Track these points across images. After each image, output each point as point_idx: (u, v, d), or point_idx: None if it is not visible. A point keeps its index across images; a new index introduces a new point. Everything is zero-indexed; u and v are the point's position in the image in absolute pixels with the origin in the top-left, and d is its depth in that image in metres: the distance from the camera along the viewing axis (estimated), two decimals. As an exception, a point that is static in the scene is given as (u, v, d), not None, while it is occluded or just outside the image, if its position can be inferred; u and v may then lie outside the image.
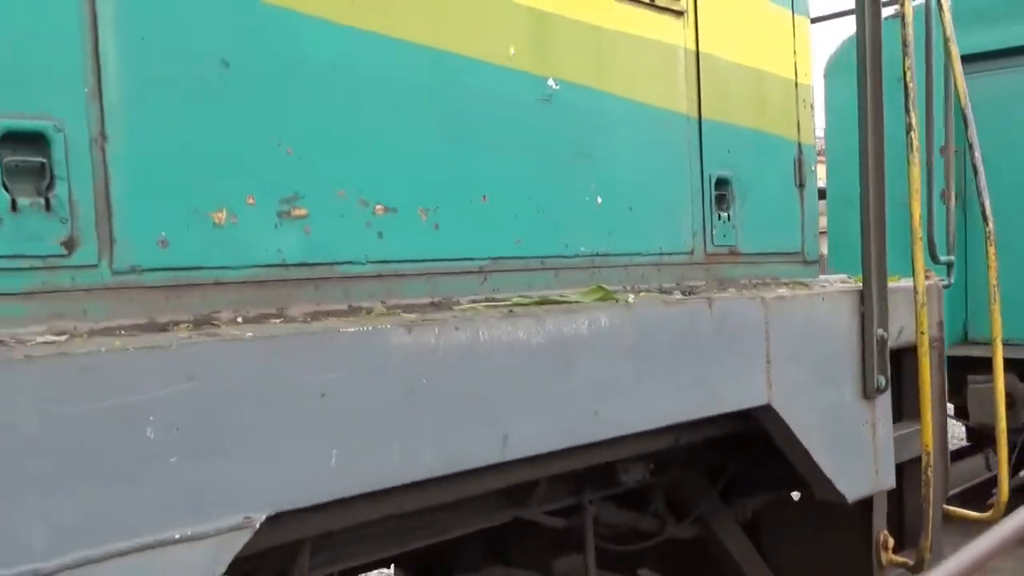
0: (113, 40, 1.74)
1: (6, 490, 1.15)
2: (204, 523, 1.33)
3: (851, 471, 2.66)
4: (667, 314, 2.17)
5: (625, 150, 2.74)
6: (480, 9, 2.37)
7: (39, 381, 1.19)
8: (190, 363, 1.34)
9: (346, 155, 2.10)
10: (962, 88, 3.16)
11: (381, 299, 2.15)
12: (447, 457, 1.67)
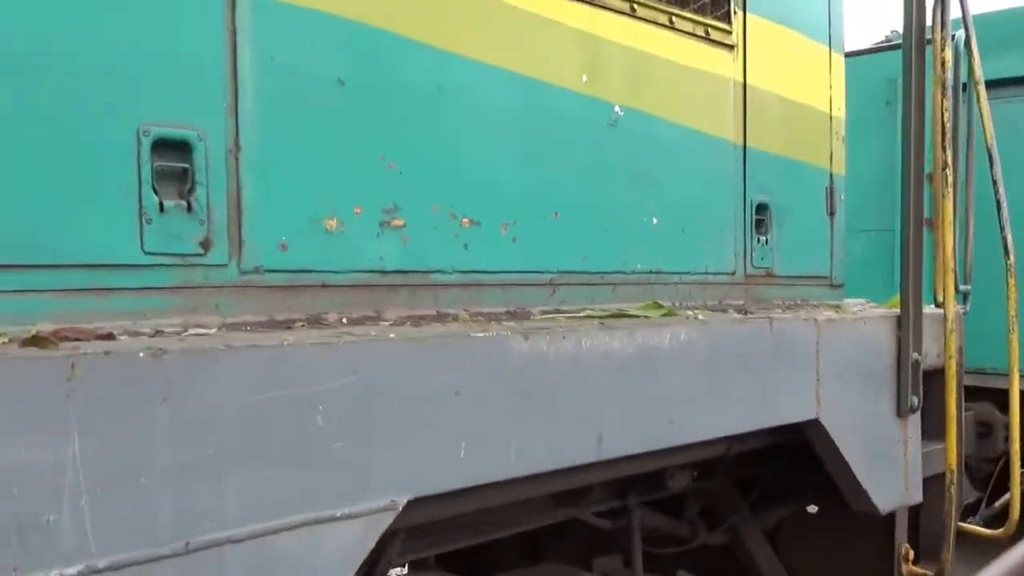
0: (249, 59, 1.89)
1: (210, 465, 1.29)
2: (359, 503, 1.47)
3: (884, 485, 2.82)
4: (735, 331, 2.34)
5: (679, 174, 2.91)
6: (559, 39, 2.53)
7: (236, 370, 1.33)
8: (352, 359, 1.49)
9: (439, 171, 2.25)
10: (989, 127, 3.35)
11: (464, 306, 2.30)
12: (554, 454, 1.82)
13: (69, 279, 1.64)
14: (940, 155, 2.97)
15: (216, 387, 1.31)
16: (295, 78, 1.97)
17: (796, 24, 3.41)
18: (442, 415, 1.61)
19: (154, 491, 1.24)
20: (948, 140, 2.97)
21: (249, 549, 1.34)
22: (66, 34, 1.63)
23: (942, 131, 2.95)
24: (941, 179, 2.96)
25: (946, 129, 2.97)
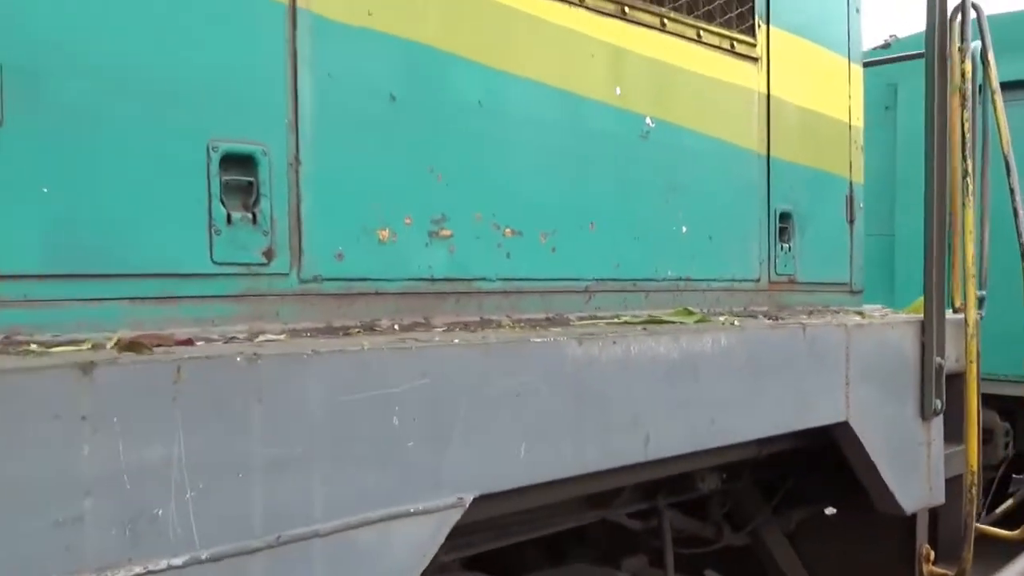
0: (308, 77, 1.97)
1: (299, 463, 1.37)
2: (431, 500, 1.55)
3: (909, 486, 2.90)
4: (770, 336, 2.42)
5: (707, 183, 2.99)
6: (594, 53, 2.61)
7: (323, 373, 1.42)
8: (424, 363, 1.57)
9: (483, 182, 2.33)
10: (1006, 135, 3.43)
11: (506, 313, 2.38)
12: (605, 454, 1.90)
13: (143, 288, 1.72)
14: (960, 164, 3.06)
15: (305, 390, 1.40)
16: (350, 94, 2.06)
17: (816, 36, 3.49)
18: (504, 416, 1.69)
19: (249, 487, 1.32)
20: (968, 149, 3.06)
21: (333, 543, 1.42)
22: (145, 57, 1.71)
23: (962, 141, 3.04)
24: (961, 187, 3.04)
25: (966, 139, 3.05)
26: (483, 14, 2.33)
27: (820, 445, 2.82)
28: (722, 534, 3.28)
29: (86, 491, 1.16)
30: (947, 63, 3.01)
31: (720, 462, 2.59)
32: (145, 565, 1.20)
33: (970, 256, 3.11)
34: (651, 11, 2.79)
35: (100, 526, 1.17)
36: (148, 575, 1.20)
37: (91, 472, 1.16)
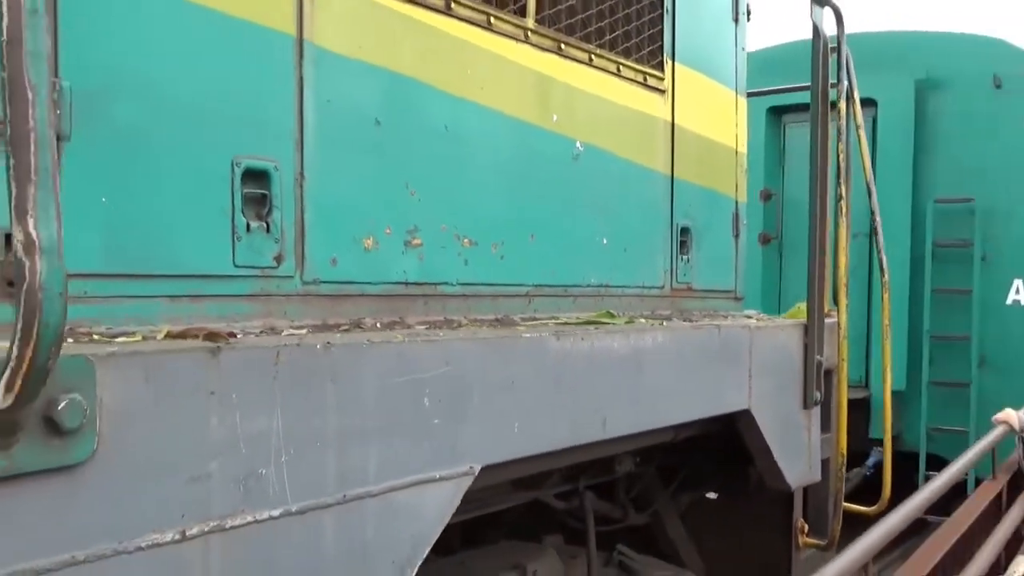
0: (312, 102, 2.22)
1: (359, 434, 1.64)
2: (451, 468, 1.84)
3: (794, 465, 3.36)
4: (694, 335, 2.81)
5: (624, 201, 3.37)
6: (537, 84, 2.94)
7: (375, 360, 1.69)
8: (447, 353, 1.86)
9: (448, 197, 2.62)
10: (867, 165, 3.96)
11: (464, 314, 2.69)
12: (575, 432, 2.22)
13: (180, 287, 1.94)
14: (834, 189, 3.55)
15: (363, 373, 1.67)
16: (344, 118, 2.32)
17: (711, 72, 3.94)
18: (502, 399, 2.00)
19: (325, 453, 1.58)
20: (843, 177, 3.55)
21: (381, 501, 1.69)
22: (182, 83, 1.94)
23: (838, 170, 3.53)
24: (835, 209, 3.53)
25: (841, 168, 3.55)
26: (450, 48, 2.62)
27: (718, 432, 3.24)
28: (627, 514, 3.66)
29: (214, 454, 1.40)
30: (827, 103, 3.49)
31: (648, 444, 2.96)
32: (253, 515, 1.45)
33: (842, 268, 3.61)
34: (582, 48, 3.14)
35: (222, 482, 1.42)
36: (254, 523, 1.46)
37: (217, 438, 1.41)
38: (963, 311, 7.56)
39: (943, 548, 3.65)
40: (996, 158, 7.52)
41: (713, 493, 4.19)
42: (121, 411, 1.29)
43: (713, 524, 4.14)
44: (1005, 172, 7.51)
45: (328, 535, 1.59)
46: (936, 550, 3.61)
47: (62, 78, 1.73)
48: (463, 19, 2.66)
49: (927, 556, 3.53)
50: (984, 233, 7.51)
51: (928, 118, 7.76)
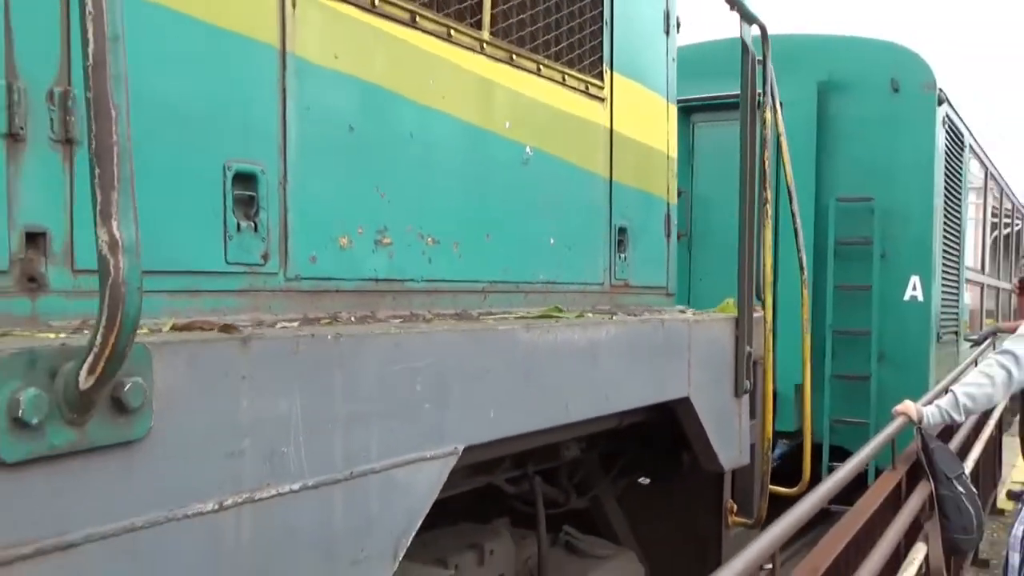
0: (294, 109, 2.37)
1: (362, 416, 1.81)
2: (438, 448, 2.01)
3: (727, 449, 3.61)
4: (641, 328, 3.03)
5: (568, 202, 3.58)
6: (491, 92, 3.13)
7: (375, 349, 1.85)
8: (432, 345, 2.03)
9: (413, 199, 2.79)
10: (789, 170, 4.26)
11: (427, 309, 2.86)
12: (543, 417, 2.42)
13: (178, 283, 2.08)
14: (760, 194, 3.82)
15: (365, 361, 1.83)
16: (321, 125, 2.47)
17: (645, 80, 4.18)
18: (479, 386, 2.18)
19: (333, 434, 1.74)
20: (768, 182, 3.83)
21: (381, 477, 1.85)
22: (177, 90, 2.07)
23: (763, 175, 3.80)
24: (763, 213, 3.81)
25: (767, 174, 3.82)
26: (415, 59, 2.79)
27: (655, 419, 3.48)
28: (570, 498, 3.88)
29: (245, 432, 1.56)
30: (756, 114, 3.76)
31: (597, 430, 3.17)
32: (277, 488, 1.61)
33: (768, 266, 3.89)
34: (531, 58, 3.34)
35: (252, 459, 1.57)
36: (278, 496, 1.61)
37: (248, 418, 1.56)
38: (864, 307, 7.84)
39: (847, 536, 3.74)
40: (894, 159, 7.83)
41: (646, 479, 4.44)
42: (170, 393, 1.43)
43: (646, 507, 4.39)
44: (903, 173, 7.82)
45: (338, 507, 1.75)
46: (840, 538, 3.70)
47: (74, 86, 1.85)
48: (426, 31, 2.83)
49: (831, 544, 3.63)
50: (883, 231, 7.79)
51: (830, 119, 8.03)
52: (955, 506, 4.58)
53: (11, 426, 1.21)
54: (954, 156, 8.97)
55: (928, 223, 7.86)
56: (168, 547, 1.43)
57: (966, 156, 9.69)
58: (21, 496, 1.24)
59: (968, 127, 9.75)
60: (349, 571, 1.78)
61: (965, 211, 9.88)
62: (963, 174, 9.54)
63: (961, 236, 9.54)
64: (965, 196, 9.85)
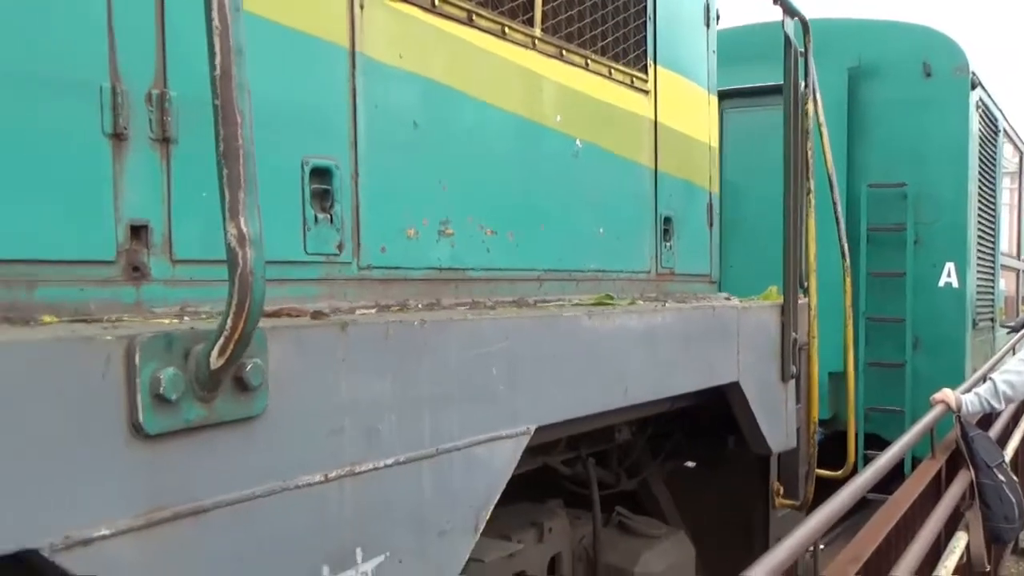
0: (363, 106, 2.48)
1: (445, 398, 1.92)
2: (513, 428, 2.12)
3: (775, 433, 3.70)
4: (694, 314, 3.13)
5: (616, 193, 3.67)
6: (544, 88, 3.23)
7: (455, 335, 1.96)
8: (506, 331, 2.14)
9: (472, 191, 2.90)
10: (829, 159, 4.33)
11: (487, 297, 2.97)
12: (604, 400, 2.52)
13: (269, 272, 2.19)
14: (803, 184, 3.90)
15: (448, 346, 1.94)
16: (388, 121, 2.58)
17: (687, 73, 4.26)
18: (547, 370, 2.29)
19: (421, 413, 1.85)
20: (811, 172, 3.90)
21: (463, 455, 1.97)
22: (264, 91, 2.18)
23: (807, 166, 3.88)
24: (807, 202, 3.89)
25: (809, 164, 3.90)
26: (472, 56, 2.90)
27: (706, 403, 3.57)
28: (620, 480, 3.98)
29: (345, 411, 1.67)
30: (800, 107, 3.84)
31: (646, 414, 3.27)
32: (373, 463, 1.73)
33: (812, 255, 3.96)
34: (579, 53, 3.43)
35: (352, 435, 1.68)
36: (374, 470, 1.73)
37: (347, 398, 1.67)
38: (897, 294, 7.81)
39: (888, 525, 3.76)
40: (927, 144, 7.76)
41: (691, 463, 4.53)
42: (281, 374, 1.55)
43: (692, 489, 4.48)
44: (936, 158, 7.76)
45: (426, 482, 1.87)
46: (881, 528, 3.72)
47: (170, 88, 1.97)
48: (483, 29, 2.94)
49: (873, 534, 3.64)
50: (916, 217, 7.77)
51: (861, 105, 7.96)
52: (996, 495, 4.58)
53: (153, 402, 1.33)
54: (988, 140, 8.87)
55: (962, 208, 7.81)
56: (282, 515, 1.54)
57: (1000, 140, 9.60)
58: (161, 465, 1.35)
59: (1002, 111, 9.65)
60: (436, 542, 1.90)
61: (999, 196, 9.76)
62: (997, 158, 9.44)
63: (996, 221, 9.46)
64: (999, 181, 9.73)
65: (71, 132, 1.79)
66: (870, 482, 3.45)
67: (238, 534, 1.47)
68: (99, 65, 1.84)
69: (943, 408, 4.68)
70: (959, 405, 4.68)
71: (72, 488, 1.26)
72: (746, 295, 4.43)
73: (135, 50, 1.91)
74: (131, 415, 1.32)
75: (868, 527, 3.76)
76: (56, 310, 1.76)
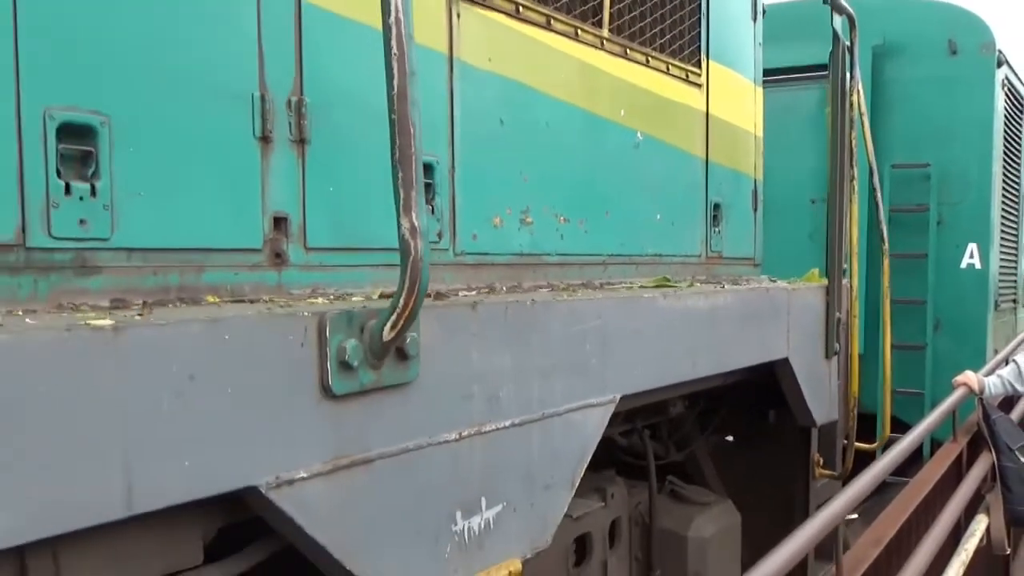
0: (459, 107, 2.74)
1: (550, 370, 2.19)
2: (603, 396, 2.39)
3: (819, 406, 3.96)
4: (749, 295, 3.38)
5: (671, 181, 3.92)
6: (608, 84, 3.48)
7: (558, 314, 2.23)
8: (598, 309, 2.40)
9: (548, 182, 3.15)
10: (870, 147, 4.56)
11: (559, 280, 3.23)
12: (676, 372, 2.79)
13: (380, 258, 2.46)
14: (847, 171, 4.14)
15: (552, 323, 2.21)
16: (479, 120, 2.84)
17: (736, 66, 4.49)
18: (631, 345, 2.56)
19: (531, 381, 2.13)
20: (855, 160, 4.14)
21: (563, 419, 2.24)
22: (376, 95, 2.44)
23: (851, 153, 4.12)
24: (850, 188, 4.13)
25: (854, 152, 4.13)
26: (549, 57, 3.15)
27: (755, 378, 3.83)
28: (669, 452, 4.25)
29: (475, 379, 1.94)
30: (847, 98, 4.08)
31: (700, 388, 3.53)
32: (495, 424, 2.00)
33: (854, 238, 4.20)
34: (641, 51, 3.68)
35: (479, 400, 1.96)
36: (496, 431, 2.00)
37: (477, 368, 1.95)
38: (919, 275, 7.78)
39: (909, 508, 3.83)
40: (951, 124, 7.65)
41: (730, 437, 4.80)
42: (428, 346, 1.82)
43: (735, 461, 4.75)
44: (960, 138, 7.68)
45: (534, 442, 2.14)
46: (902, 510, 3.79)
47: (306, 95, 2.24)
48: (558, 32, 3.18)
49: (894, 515, 3.71)
50: (940, 198, 7.70)
51: (885, 84, 7.86)
52: (1018, 477, 4.64)
53: (339, 368, 1.60)
54: (1014, 119, 8.78)
55: (987, 189, 7.75)
56: (428, 466, 1.82)
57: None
58: (342, 421, 1.63)
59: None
60: (543, 494, 2.18)
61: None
62: (1023, 137, 9.39)
63: (1021, 201, 9.41)
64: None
65: (230, 135, 2.06)
66: (891, 466, 3.50)
67: (396, 481, 1.75)
68: (251, 76, 2.10)
69: (965, 391, 4.71)
70: (981, 387, 4.72)
71: (278, 439, 1.54)
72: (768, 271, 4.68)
73: (279, 62, 2.17)
74: (322, 378, 1.59)
75: (889, 510, 3.82)
76: (217, 291, 2.04)
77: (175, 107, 1.92)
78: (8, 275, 1.68)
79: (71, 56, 1.74)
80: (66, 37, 1.73)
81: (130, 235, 1.86)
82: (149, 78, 1.86)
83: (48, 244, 1.74)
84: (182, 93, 1.94)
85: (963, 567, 3.96)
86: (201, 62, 1.98)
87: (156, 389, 1.37)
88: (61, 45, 1.72)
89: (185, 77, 1.94)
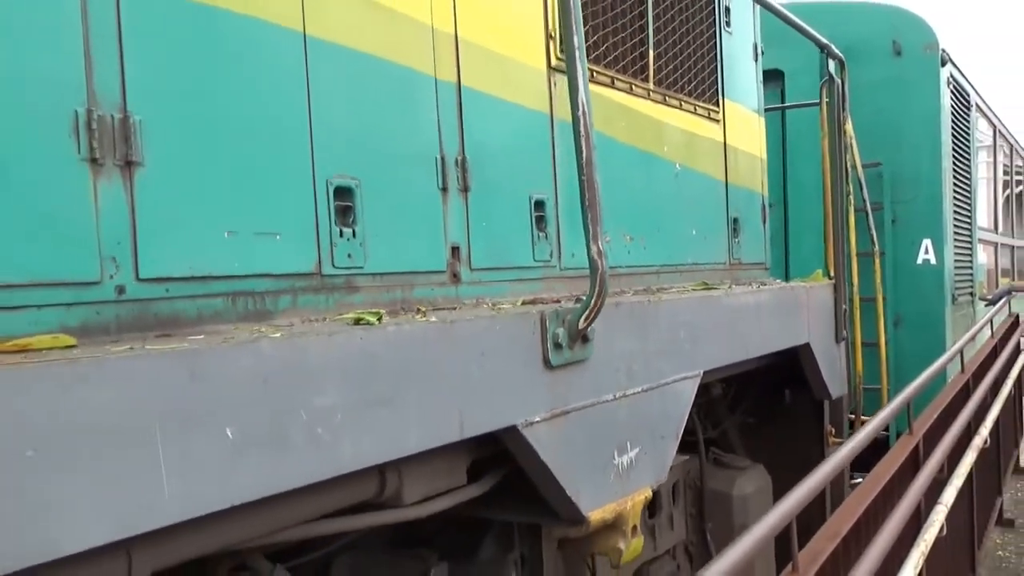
0: (559, 155, 3.53)
1: (658, 352, 2.97)
2: (692, 371, 3.18)
3: (834, 383, 4.78)
4: (778, 293, 4.19)
5: (702, 202, 4.73)
6: (654, 125, 4.28)
7: (662, 311, 3.02)
8: (690, 305, 3.20)
9: (618, 209, 3.93)
10: (859, 165, 5.40)
11: (627, 287, 4.02)
12: (736, 354, 3.59)
13: (514, 275, 3.24)
14: (843, 187, 4.98)
15: (660, 317, 2.99)
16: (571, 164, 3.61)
17: (744, 101, 5.32)
18: (703, 333, 3.35)
19: (651, 359, 2.91)
20: (849, 177, 4.98)
21: (671, 387, 3.02)
22: (509, 153, 3.22)
23: (845, 173, 4.96)
24: (847, 203, 4.97)
25: (848, 172, 4.97)
26: (613, 109, 3.94)
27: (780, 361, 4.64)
28: (706, 429, 5.04)
29: (620, 358, 2.72)
30: (841, 127, 4.92)
31: (743, 370, 4.33)
32: (634, 390, 2.78)
33: (852, 242, 5.03)
34: (676, 97, 4.48)
35: (623, 373, 2.74)
36: (633, 395, 2.78)
37: (619, 348, 2.73)
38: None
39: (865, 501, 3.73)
40: (900, 123, 7.85)
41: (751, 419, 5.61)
42: (597, 334, 2.60)
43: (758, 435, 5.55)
44: (910, 136, 7.84)
45: (654, 404, 2.92)
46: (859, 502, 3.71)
47: (467, 155, 3.01)
48: (619, 89, 3.98)
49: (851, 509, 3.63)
50: (893, 196, 7.86)
51: None
52: None
53: (554, 347, 2.38)
54: (961, 116, 8.91)
55: (937, 185, 7.90)
56: (597, 418, 2.59)
57: (973, 115, 9.70)
58: (555, 385, 2.40)
59: (974, 86, 9.75)
60: (660, 443, 2.95)
61: (975, 171, 9.83)
62: (971, 134, 9.51)
63: (972, 196, 9.47)
64: (974, 156, 9.82)
65: (426, 189, 2.83)
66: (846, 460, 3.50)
67: (581, 427, 2.52)
68: (435, 144, 2.87)
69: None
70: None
71: (524, 394, 2.31)
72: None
73: (449, 132, 2.94)
74: (544, 355, 2.37)
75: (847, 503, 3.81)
76: (422, 303, 2.81)
77: (397, 171, 2.69)
78: (312, 294, 2.44)
79: (338, 139, 2.50)
80: (336, 127, 2.49)
81: (375, 263, 2.62)
82: (381, 153, 2.63)
83: (332, 272, 2.49)
84: (400, 161, 2.71)
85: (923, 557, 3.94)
86: (408, 138, 2.75)
87: (469, 360, 2.14)
88: (333, 133, 2.48)
89: (402, 151, 2.71)
